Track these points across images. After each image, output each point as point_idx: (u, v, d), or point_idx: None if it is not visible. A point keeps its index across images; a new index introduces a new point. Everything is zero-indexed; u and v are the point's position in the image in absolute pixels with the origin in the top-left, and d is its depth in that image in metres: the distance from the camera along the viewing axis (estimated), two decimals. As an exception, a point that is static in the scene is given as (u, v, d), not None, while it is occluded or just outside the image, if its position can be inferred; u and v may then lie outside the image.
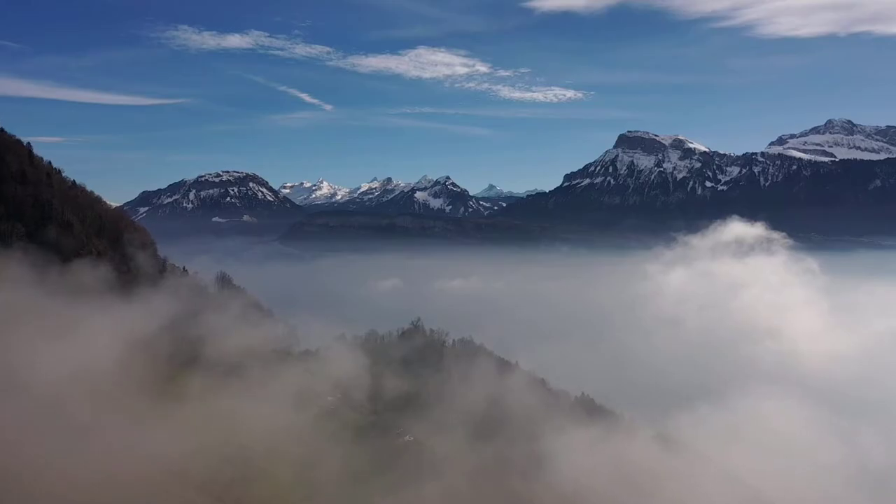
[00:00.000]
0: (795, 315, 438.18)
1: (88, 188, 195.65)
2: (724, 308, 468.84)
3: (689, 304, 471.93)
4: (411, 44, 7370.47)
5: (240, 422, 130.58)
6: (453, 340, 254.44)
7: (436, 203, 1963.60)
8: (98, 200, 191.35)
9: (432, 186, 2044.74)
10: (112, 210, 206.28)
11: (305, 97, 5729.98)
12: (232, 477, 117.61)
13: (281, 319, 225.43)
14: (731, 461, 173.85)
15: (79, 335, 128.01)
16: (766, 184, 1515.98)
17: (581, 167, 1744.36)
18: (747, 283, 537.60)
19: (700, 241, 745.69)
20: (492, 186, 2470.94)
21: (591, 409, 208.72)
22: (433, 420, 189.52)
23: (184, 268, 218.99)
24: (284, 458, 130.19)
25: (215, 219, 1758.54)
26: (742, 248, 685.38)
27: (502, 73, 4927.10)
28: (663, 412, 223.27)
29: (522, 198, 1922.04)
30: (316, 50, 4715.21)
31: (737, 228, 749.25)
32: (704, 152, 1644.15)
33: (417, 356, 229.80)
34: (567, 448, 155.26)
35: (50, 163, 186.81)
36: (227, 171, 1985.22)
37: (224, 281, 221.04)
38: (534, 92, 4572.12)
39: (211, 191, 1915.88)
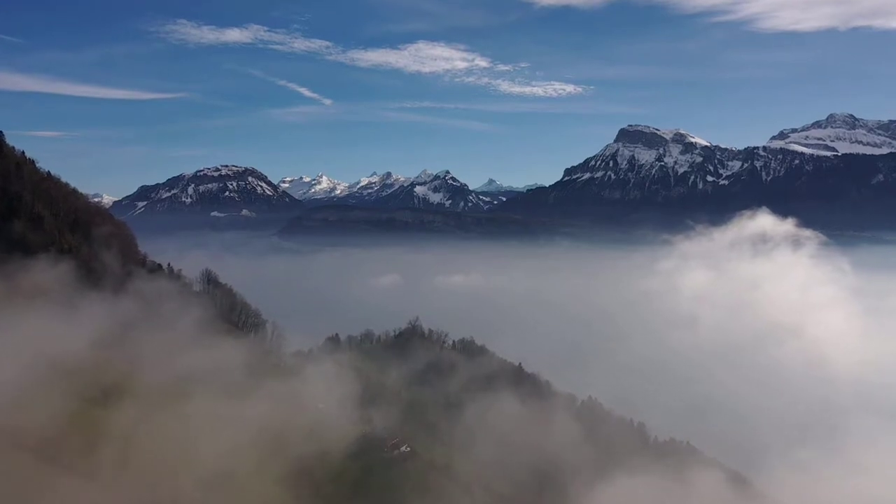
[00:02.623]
0: (820, 313, 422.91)
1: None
2: (736, 306, 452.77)
3: (697, 301, 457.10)
4: (411, 38, 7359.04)
5: (168, 475, 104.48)
6: (453, 341, 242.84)
7: (435, 197, 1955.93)
8: (73, 193, 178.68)
9: (432, 181, 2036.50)
10: (89, 203, 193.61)
11: (305, 91, 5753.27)
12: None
13: (269, 320, 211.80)
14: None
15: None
16: (768, 178, 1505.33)
17: (581, 161, 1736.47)
18: (758, 278, 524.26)
19: (707, 236, 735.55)
20: (491, 181, 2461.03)
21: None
22: (428, 429, 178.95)
23: (168, 265, 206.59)
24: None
25: (214, 213, 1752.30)
26: (749, 242, 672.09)
27: (502, 67, 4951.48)
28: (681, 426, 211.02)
29: (522, 192, 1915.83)
30: (315, 44, 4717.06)
31: (754, 223, 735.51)
32: (706, 146, 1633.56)
33: (414, 359, 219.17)
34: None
35: (23, 152, 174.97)
36: (226, 166, 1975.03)
37: (210, 279, 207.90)
38: (533, 86, 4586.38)
39: (210, 185, 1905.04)
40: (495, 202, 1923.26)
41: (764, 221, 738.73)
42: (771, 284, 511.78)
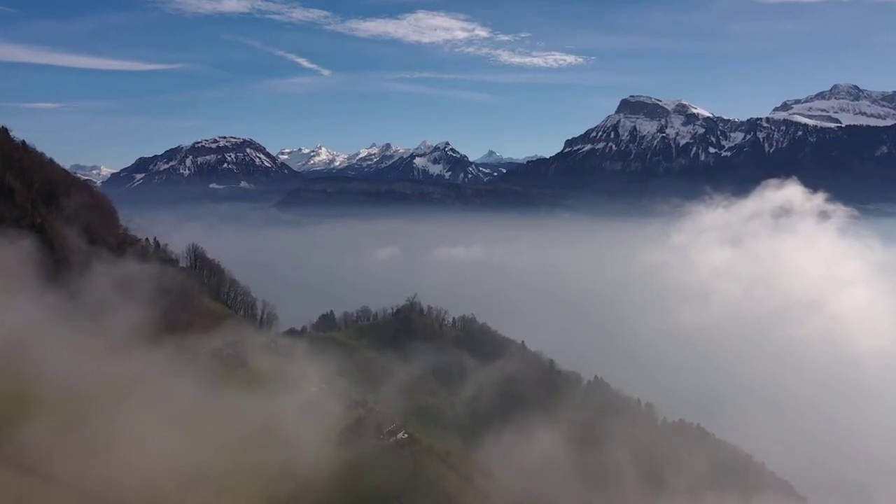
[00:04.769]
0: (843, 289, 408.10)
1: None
2: (748, 279, 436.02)
3: (704, 275, 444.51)
4: (410, 7, 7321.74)
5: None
6: (453, 319, 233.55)
7: (435, 169, 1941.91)
8: (49, 164, 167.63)
9: (431, 152, 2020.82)
10: (66, 174, 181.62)
11: (303, 62, 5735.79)
12: None
13: (260, 298, 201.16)
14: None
15: None
16: (771, 150, 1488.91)
17: (582, 133, 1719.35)
18: (771, 251, 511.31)
19: (705, 209, 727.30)
20: (491, 152, 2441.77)
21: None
22: (428, 413, 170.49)
23: (155, 239, 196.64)
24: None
25: (212, 185, 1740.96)
26: (760, 215, 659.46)
27: (502, 37, 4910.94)
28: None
29: (522, 164, 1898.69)
30: (313, 14, 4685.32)
31: (769, 195, 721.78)
32: (708, 118, 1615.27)
33: (413, 338, 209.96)
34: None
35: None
36: (224, 137, 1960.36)
37: (197, 254, 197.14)
38: (534, 57, 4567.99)
39: (208, 157, 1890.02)
40: (495, 174, 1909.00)
41: (788, 193, 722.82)
42: (788, 258, 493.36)
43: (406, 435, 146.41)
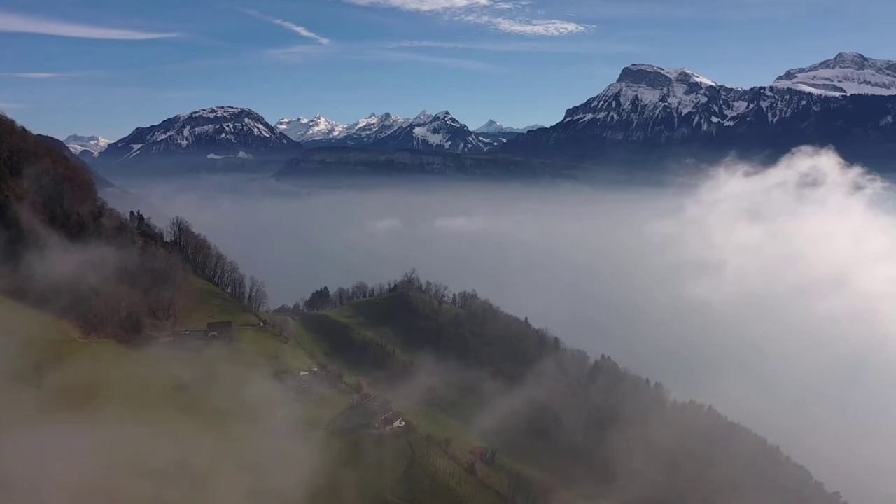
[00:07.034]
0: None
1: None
2: (753, 255, 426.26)
3: (715, 250, 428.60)
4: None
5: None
6: (454, 295, 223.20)
7: (435, 139, 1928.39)
8: (20, 132, 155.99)
9: (431, 122, 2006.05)
10: (39, 143, 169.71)
11: (301, 31, 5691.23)
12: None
13: (248, 274, 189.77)
14: None
15: None
16: (774, 119, 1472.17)
17: (583, 102, 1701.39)
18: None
19: (724, 172, 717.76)
20: (491, 122, 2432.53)
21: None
22: (427, 397, 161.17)
23: (138, 212, 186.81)
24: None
25: (210, 155, 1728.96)
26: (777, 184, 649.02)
27: (502, 5, 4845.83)
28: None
29: (523, 133, 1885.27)
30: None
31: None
32: (711, 86, 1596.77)
33: (411, 316, 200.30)
34: None
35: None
36: (222, 107, 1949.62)
37: (182, 228, 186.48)
38: (534, 25, 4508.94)
39: (206, 127, 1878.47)
40: (495, 143, 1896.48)
41: (817, 162, 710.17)
42: (814, 231, 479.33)
43: (403, 423, 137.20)
